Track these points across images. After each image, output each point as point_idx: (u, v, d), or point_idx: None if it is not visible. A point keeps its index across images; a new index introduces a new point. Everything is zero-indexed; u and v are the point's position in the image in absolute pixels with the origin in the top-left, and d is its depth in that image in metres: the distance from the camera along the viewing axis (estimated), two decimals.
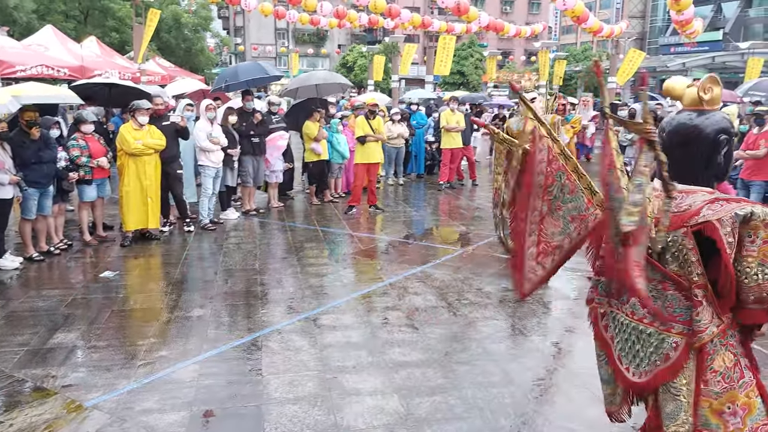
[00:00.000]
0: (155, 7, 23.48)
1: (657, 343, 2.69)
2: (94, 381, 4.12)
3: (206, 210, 8.57)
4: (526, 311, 5.57)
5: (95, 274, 6.51)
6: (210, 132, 8.34)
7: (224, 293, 5.96)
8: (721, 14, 56.51)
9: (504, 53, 55.86)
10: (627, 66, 21.55)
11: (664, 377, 2.66)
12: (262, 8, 20.60)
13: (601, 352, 2.98)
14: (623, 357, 2.80)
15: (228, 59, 63.45)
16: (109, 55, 15.67)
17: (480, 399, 3.93)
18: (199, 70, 35.05)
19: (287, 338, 4.88)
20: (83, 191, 7.50)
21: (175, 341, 4.80)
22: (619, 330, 2.84)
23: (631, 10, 62.75)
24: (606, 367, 2.97)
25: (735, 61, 31.86)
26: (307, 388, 4.05)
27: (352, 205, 9.85)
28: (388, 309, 5.57)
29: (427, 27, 22.22)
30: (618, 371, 2.82)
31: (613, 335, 2.87)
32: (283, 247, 7.73)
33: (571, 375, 4.32)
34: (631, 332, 2.77)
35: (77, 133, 7.47)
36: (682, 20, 14.19)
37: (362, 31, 58.02)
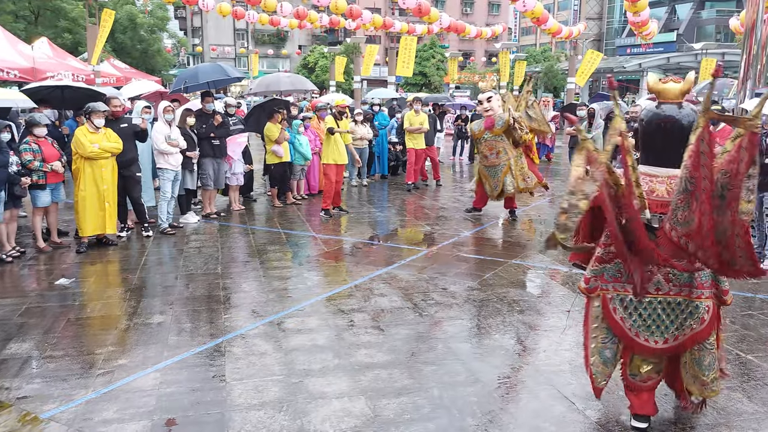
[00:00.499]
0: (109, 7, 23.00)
1: (691, 310, 3.29)
2: (51, 392, 3.99)
3: (165, 214, 8.40)
4: (490, 310, 5.60)
5: (50, 282, 6.31)
6: (168, 134, 8.18)
7: (185, 298, 5.84)
8: (675, 16, 58.08)
9: (465, 54, 56.37)
10: (585, 67, 21.93)
11: (703, 336, 3.29)
12: (220, 8, 20.36)
13: (609, 335, 3.43)
14: (641, 332, 3.34)
15: (186, 60, 62.54)
16: (62, 57, 15.25)
17: (446, 398, 3.93)
18: (156, 72, 34.45)
19: (251, 343, 4.81)
20: (36, 197, 7.28)
21: (134, 349, 4.68)
22: (634, 309, 3.34)
23: (588, 12, 64.02)
24: (612, 347, 3.44)
25: (689, 61, 32.78)
26: (272, 393, 3.99)
27: (328, 209, 9.63)
28: (354, 311, 5.53)
29: (389, 28, 22.30)
30: (635, 345, 3.35)
31: (623, 316, 3.36)
32: (246, 251, 7.63)
33: (536, 372, 4.35)
34: (656, 307, 3.31)
35: (29, 137, 7.25)
36: (638, 21, 14.54)
37: (323, 32, 57.85)
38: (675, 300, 3.30)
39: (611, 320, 3.40)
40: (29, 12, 29.54)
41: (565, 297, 6.00)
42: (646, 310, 3.33)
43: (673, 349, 3.37)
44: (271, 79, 14.22)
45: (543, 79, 41.47)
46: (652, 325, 3.34)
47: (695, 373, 3.40)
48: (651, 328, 3.34)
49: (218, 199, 10.19)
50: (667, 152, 3.25)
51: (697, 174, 2.87)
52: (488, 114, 9.16)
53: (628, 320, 3.37)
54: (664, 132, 3.26)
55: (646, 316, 3.34)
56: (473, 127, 9.67)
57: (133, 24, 34.14)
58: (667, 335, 3.34)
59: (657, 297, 3.31)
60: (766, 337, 5.01)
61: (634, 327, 3.36)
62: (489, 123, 9.16)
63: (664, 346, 3.35)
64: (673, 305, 3.31)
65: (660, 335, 3.34)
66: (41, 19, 30.03)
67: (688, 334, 3.32)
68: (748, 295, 6.06)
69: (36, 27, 28.77)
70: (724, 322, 3.22)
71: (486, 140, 9.22)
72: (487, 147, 9.23)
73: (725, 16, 46.55)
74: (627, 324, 3.37)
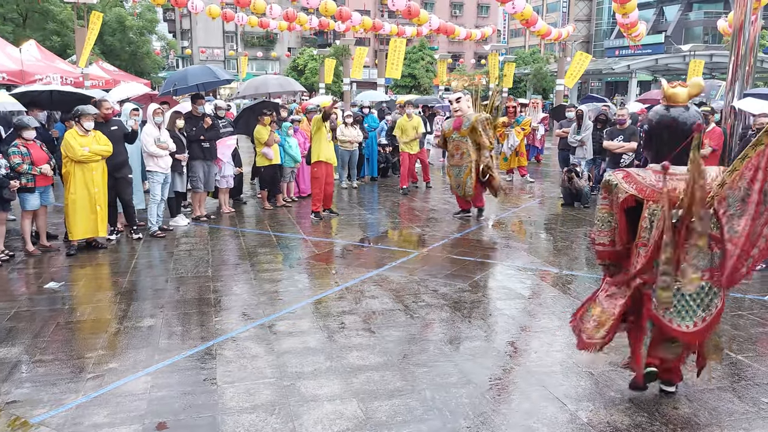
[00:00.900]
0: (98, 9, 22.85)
1: (714, 291, 3.59)
2: (40, 396, 3.95)
3: (155, 217, 8.36)
4: (481, 312, 5.61)
5: (39, 286, 6.27)
6: (158, 137, 8.15)
7: (176, 301, 5.81)
8: (663, 17, 58.51)
9: (454, 56, 56.52)
10: (574, 68, 22.03)
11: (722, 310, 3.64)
12: (209, 11, 20.29)
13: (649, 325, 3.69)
14: (673, 318, 3.60)
15: (175, 63, 62.29)
16: (50, 59, 15.15)
17: (438, 400, 3.93)
18: (145, 74, 34.33)
19: (242, 346, 4.79)
20: (25, 200, 7.22)
21: (125, 352, 4.65)
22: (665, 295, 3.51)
23: (576, 14, 64.39)
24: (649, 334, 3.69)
25: (677, 63, 32.97)
26: (263, 396, 3.98)
27: (318, 211, 9.59)
28: (345, 313, 5.53)
29: (378, 30, 22.30)
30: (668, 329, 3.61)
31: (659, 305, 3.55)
32: (236, 253, 7.61)
33: (528, 373, 4.36)
34: (683, 293, 3.55)
35: (18, 140, 7.19)
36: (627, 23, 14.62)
37: (313, 34, 57.88)
38: (700, 285, 3.55)
39: (648, 311, 3.66)
40: (17, 14, 29.34)
41: (555, 298, 6.02)
42: (675, 297, 3.55)
43: (702, 333, 3.62)
44: (259, 81, 14.16)
45: (532, 81, 41.63)
46: (682, 311, 3.60)
47: (716, 342, 3.81)
48: (682, 312, 3.60)
49: (208, 202, 10.16)
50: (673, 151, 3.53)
51: (754, 186, 3.29)
52: (458, 114, 9.28)
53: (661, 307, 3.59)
54: (670, 131, 3.58)
55: (677, 302, 3.58)
56: (444, 125, 9.85)
57: (122, 26, 33.97)
58: (696, 318, 3.59)
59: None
60: (755, 337, 5.05)
61: (668, 314, 3.61)
62: (458, 123, 9.29)
63: (694, 330, 3.60)
64: (698, 290, 3.57)
65: (690, 319, 3.60)
66: (29, 21, 29.84)
67: (713, 312, 3.61)
68: (738, 296, 6.10)
69: (24, 29, 28.59)
70: None
71: (454, 140, 9.38)
72: (454, 147, 9.40)
73: (713, 18, 46.95)
74: (660, 312, 3.61)
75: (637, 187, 3.63)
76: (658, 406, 3.87)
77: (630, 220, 3.72)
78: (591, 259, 7.51)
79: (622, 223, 3.74)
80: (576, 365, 4.46)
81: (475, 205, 9.73)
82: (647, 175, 3.65)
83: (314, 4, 17.01)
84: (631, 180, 3.67)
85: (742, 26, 8.32)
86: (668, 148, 3.56)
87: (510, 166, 13.72)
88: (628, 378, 4.17)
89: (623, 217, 3.71)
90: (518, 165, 13.67)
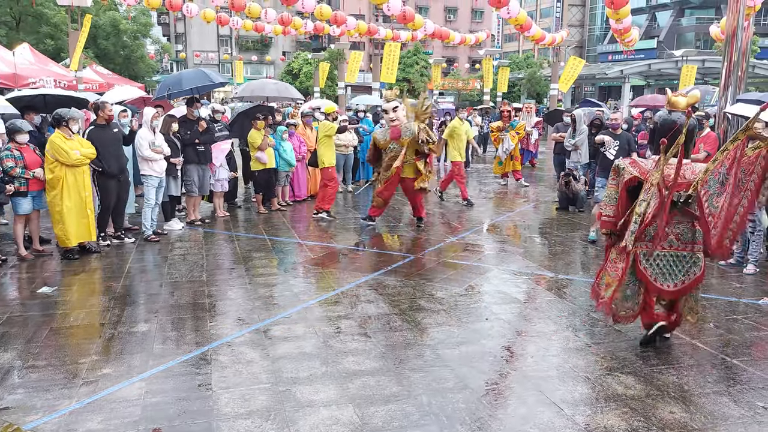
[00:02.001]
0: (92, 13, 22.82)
1: (694, 260, 4.60)
2: (33, 402, 3.92)
3: (149, 221, 8.32)
4: (477, 316, 5.60)
5: (32, 290, 6.22)
6: (152, 141, 8.12)
7: (170, 306, 5.78)
8: (656, 23, 58.81)
9: (449, 61, 56.62)
10: (568, 73, 22.12)
11: (701, 279, 4.67)
12: (204, 14, 20.29)
13: (633, 279, 4.67)
14: (658, 278, 4.62)
15: (169, 66, 62.19)
16: (44, 63, 15.09)
17: (435, 405, 3.92)
18: (139, 78, 34.27)
19: (237, 351, 4.76)
20: (18, 204, 7.18)
21: (119, 358, 4.62)
22: (652, 261, 4.60)
23: (570, 20, 64.67)
24: (633, 287, 4.69)
25: (670, 68, 33.11)
26: (259, 402, 3.95)
27: (329, 210, 9.84)
28: (341, 318, 5.51)
29: (373, 34, 22.36)
30: (653, 287, 4.63)
31: (645, 266, 4.61)
32: (231, 258, 7.58)
33: (524, 378, 4.35)
34: (669, 259, 4.60)
35: (11, 144, 7.14)
36: (621, 29, 14.68)
37: (307, 38, 57.86)
38: (682, 254, 4.61)
39: (637, 269, 4.64)
40: (11, 18, 29.28)
41: (551, 302, 6.02)
42: (662, 261, 4.62)
43: (680, 292, 4.65)
44: (257, 84, 14.19)
45: (526, 86, 41.75)
46: (666, 273, 4.62)
47: (691, 305, 4.78)
48: (668, 274, 4.62)
49: (203, 206, 10.13)
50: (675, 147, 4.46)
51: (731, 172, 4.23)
52: (394, 124, 8.86)
53: (649, 269, 4.62)
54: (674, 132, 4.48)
55: (662, 266, 4.62)
56: (378, 136, 9.25)
57: (116, 30, 33.94)
58: (676, 281, 4.62)
59: (670, 252, 4.61)
60: (750, 341, 5.06)
61: (653, 274, 4.62)
62: (395, 134, 8.85)
63: (675, 287, 4.63)
64: (680, 258, 4.61)
65: (673, 279, 4.62)
66: (23, 24, 29.78)
67: (692, 278, 4.62)
68: (732, 300, 6.12)
69: (17, 33, 28.53)
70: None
71: (391, 150, 8.94)
72: (390, 158, 8.94)
73: (705, 24, 47.25)
74: (648, 272, 4.62)
75: (640, 171, 4.64)
76: (654, 410, 3.87)
77: (629, 198, 4.70)
78: (586, 263, 7.52)
79: (622, 198, 4.71)
80: (572, 370, 4.46)
81: (416, 215, 9.43)
82: (648, 163, 4.70)
83: (309, 8, 17.03)
84: (635, 165, 4.72)
85: (735, 32, 8.36)
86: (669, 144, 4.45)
87: (505, 170, 13.75)
88: (623, 382, 4.21)
89: (624, 194, 4.69)
90: (513, 169, 13.70)
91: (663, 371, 4.44)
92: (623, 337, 5.09)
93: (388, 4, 15.71)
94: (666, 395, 4.08)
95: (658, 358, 4.68)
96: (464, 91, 46.35)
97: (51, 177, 7.11)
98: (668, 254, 4.58)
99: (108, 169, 7.56)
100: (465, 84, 46.25)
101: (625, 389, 4.15)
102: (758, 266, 7.03)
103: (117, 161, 7.69)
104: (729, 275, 7.02)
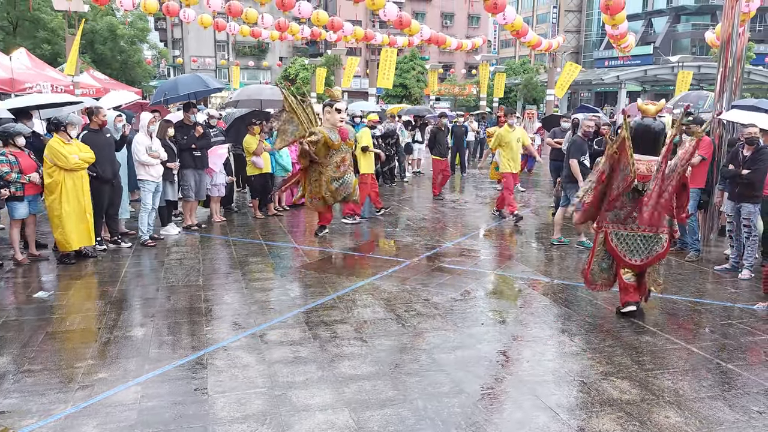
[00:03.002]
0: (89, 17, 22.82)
1: (657, 240, 5.59)
2: (29, 407, 3.91)
3: (146, 225, 8.32)
4: (473, 321, 5.61)
5: (28, 295, 6.21)
6: (149, 145, 8.12)
7: (166, 311, 5.78)
8: (652, 29, 59.09)
9: (445, 66, 56.76)
10: (564, 79, 22.20)
11: (661, 256, 5.67)
12: (201, 20, 20.30)
13: (605, 254, 5.80)
14: (627, 253, 5.64)
15: (166, 72, 62.21)
16: (41, 68, 15.08)
17: (431, 410, 3.92)
18: (136, 83, 34.29)
19: (233, 355, 4.76)
20: (14, 209, 7.16)
21: (115, 362, 4.62)
22: (622, 239, 5.65)
23: (566, 25, 64.93)
24: (607, 261, 5.82)
25: (665, 74, 33.28)
26: (255, 406, 3.95)
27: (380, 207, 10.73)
28: (337, 322, 5.51)
29: (370, 40, 22.40)
30: (623, 261, 5.66)
31: (616, 244, 5.66)
32: (227, 262, 7.58)
33: (519, 383, 4.36)
34: (635, 238, 5.61)
35: (7, 148, 7.13)
36: (617, 34, 14.74)
37: (304, 44, 57.95)
38: (648, 235, 5.61)
39: (609, 246, 5.73)
40: (8, 22, 29.28)
41: (547, 307, 6.03)
42: (630, 240, 5.64)
43: (645, 265, 5.67)
44: (253, 89, 14.19)
45: (522, 91, 41.87)
46: (635, 249, 5.63)
47: (654, 277, 5.83)
48: (634, 250, 5.63)
49: (199, 211, 10.12)
50: (646, 146, 5.61)
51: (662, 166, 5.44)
52: (342, 124, 8.75)
53: (619, 246, 5.66)
54: (642, 134, 5.62)
55: (630, 243, 5.64)
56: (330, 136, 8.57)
57: (113, 35, 33.95)
58: (642, 256, 5.63)
59: (637, 232, 5.62)
60: (745, 346, 5.08)
61: (623, 251, 5.66)
62: (344, 134, 8.79)
63: (641, 262, 5.64)
64: (646, 238, 5.61)
65: (639, 255, 5.64)
66: (20, 29, 29.78)
67: (654, 255, 5.63)
68: (728, 304, 6.14)
69: (14, 38, 28.52)
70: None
71: (342, 151, 8.78)
72: (341, 159, 8.77)
73: (700, 30, 47.47)
74: (618, 249, 5.67)
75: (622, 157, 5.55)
76: (650, 415, 3.88)
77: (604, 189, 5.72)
78: (581, 268, 7.53)
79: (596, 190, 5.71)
80: (568, 374, 4.47)
81: (322, 223, 9.10)
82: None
83: (306, 14, 17.07)
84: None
85: (730, 38, 8.41)
86: (642, 144, 5.57)
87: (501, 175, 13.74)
88: (618, 387, 4.24)
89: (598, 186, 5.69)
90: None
91: (658, 376, 4.46)
92: (619, 342, 5.11)
93: (384, 9, 15.74)
94: (661, 400, 4.09)
95: (653, 363, 4.69)
96: (461, 96, 46.48)
97: (50, 181, 7.10)
98: (636, 234, 5.62)
99: (102, 174, 7.56)
100: (461, 89, 46.37)
101: (621, 394, 4.16)
102: (753, 271, 7.06)
103: (111, 166, 7.70)
104: (724, 280, 7.05)
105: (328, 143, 8.57)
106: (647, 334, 5.32)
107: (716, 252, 8.34)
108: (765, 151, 6.99)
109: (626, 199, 5.54)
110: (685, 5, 55.76)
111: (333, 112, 8.68)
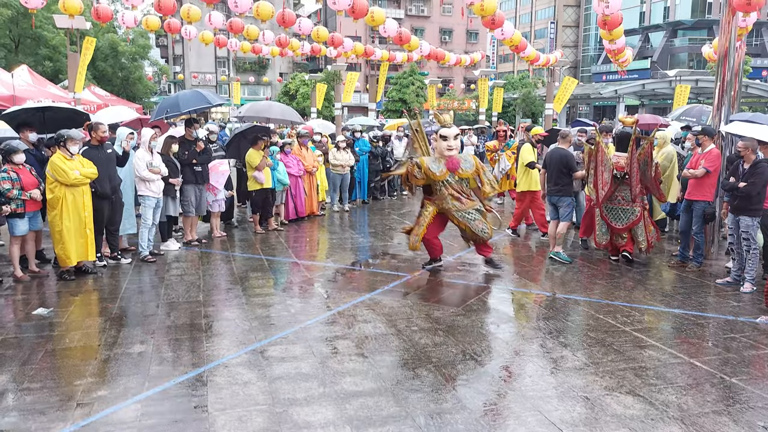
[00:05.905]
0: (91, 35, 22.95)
1: (633, 211, 8.30)
2: (28, 425, 3.88)
3: (146, 241, 8.31)
4: (475, 336, 5.58)
5: (27, 312, 6.18)
6: (150, 161, 8.13)
7: (167, 327, 5.75)
8: (649, 44, 59.39)
9: (444, 81, 57.00)
10: (562, 93, 22.27)
11: (636, 222, 8.30)
12: (202, 37, 20.40)
13: (601, 221, 8.50)
14: (612, 220, 8.41)
15: (167, 88, 62.46)
16: (42, 84, 15.19)
17: (433, 426, 3.89)
18: (137, 99, 34.41)
19: (234, 372, 4.73)
20: (14, 225, 7.16)
21: (115, 380, 4.59)
22: (609, 210, 8.43)
23: (564, 40, 65.29)
24: (603, 227, 8.51)
25: (663, 88, 33.38)
26: (256, 424, 3.92)
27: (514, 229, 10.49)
28: (338, 338, 5.48)
29: (369, 56, 22.48)
30: (612, 227, 8.43)
31: (606, 214, 8.44)
32: (228, 278, 7.56)
33: (522, 398, 4.33)
34: (619, 211, 8.36)
35: (7, 165, 7.13)
36: (614, 49, 14.81)
37: (304, 60, 58.22)
38: (625, 208, 8.31)
39: (603, 216, 8.44)
40: (9, 40, 29.43)
41: (549, 321, 6.00)
42: (615, 212, 8.36)
43: (625, 229, 8.31)
44: (263, 105, 14.27)
45: (521, 105, 41.99)
46: (617, 218, 8.35)
47: (636, 238, 8.35)
48: (617, 219, 8.35)
49: (199, 226, 10.11)
50: (624, 145, 8.14)
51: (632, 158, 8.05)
52: (451, 153, 7.67)
53: (608, 216, 8.40)
54: (622, 138, 8.29)
55: (614, 214, 8.37)
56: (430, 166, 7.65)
57: (114, 52, 34.12)
58: (622, 223, 8.32)
59: (619, 207, 8.33)
60: (749, 360, 5.05)
61: (611, 219, 8.38)
62: (454, 165, 7.71)
63: (622, 227, 8.32)
64: (624, 210, 8.31)
65: (620, 222, 8.34)
66: (22, 46, 29.93)
67: (631, 221, 8.27)
68: (730, 318, 6.12)
69: (16, 55, 28.67)
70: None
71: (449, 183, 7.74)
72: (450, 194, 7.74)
73: (697, 44, 47.72)
74: (608, 218, 8.40)
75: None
76: (654, 430, 3.85)
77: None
78: (584, 282, 7.52)
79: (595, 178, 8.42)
80: (571, 389, 4.44)
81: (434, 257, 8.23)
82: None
83: (306, 30, 17.16)
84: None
85: (727, 53, 8.45)
86: (622, 145, 8.22)
87: (501, 189, 13.75)
88: (622, 402, 4.22)
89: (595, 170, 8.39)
90: (509, 188, 13.71)
91: (662, 390, 4.43)
92: (621, 357, 5.08)
93: (384, 25, 15.83)
94: (665, 415, 4.06)
95: (656, 378, 4.67)
96: (459, 111, 46.60)
97: (51, 197, 7.11)
98: (618, 208, 8.35)
99: (100, 190, 7.55)
100: (460, 104, 46.51)
101: (625, 409, 4.13)
102: (755, 285, 7.04)
103: (110, 182, 7.67)
104: (726, 294, 7.03)
105: (428, 174, 7.60)
106: (650, 348, 5.29)
107: (717, 265, 8.32)
108: (762, 164, 6.99)
109: (611, 184, 8.15)
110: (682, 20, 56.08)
111: (439, 139, 7.66)
